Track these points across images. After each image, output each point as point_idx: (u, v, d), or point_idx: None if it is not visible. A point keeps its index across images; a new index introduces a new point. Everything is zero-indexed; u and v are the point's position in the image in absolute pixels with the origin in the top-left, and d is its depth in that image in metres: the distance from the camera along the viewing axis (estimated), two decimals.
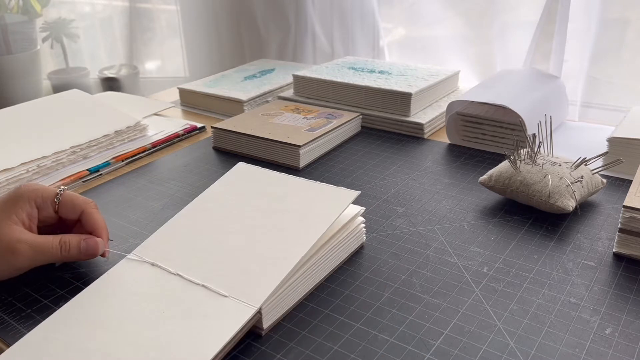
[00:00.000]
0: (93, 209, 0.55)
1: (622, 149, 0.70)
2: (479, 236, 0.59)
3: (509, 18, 1.05)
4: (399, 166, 0.76)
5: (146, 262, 0.51)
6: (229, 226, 0.54)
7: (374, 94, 0.90)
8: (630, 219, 0.53)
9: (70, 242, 0.52)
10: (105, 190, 0.73)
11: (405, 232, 0.60)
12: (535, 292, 0.50)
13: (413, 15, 1.18)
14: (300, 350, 0.44)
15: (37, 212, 0.53)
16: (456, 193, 0.68)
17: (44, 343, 0.44)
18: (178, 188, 0.72)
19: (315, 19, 1.29)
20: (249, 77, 1.09)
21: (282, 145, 0.77)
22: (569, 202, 0.60)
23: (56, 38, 2.03)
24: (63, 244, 0.52)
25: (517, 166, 0.63)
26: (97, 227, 0.54)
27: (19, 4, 1.95)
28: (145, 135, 0.86)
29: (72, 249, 0.52)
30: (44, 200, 0.53)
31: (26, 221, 0.52)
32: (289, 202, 0.56)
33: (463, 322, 0.47)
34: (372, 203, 0.67)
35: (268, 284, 0.46)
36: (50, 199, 0.54)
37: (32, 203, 0.53)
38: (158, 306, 0.46)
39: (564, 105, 0.90)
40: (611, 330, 0.45)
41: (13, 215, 0.51)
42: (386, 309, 0.49)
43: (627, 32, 0.94)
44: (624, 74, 0.96)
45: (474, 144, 0.82)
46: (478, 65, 1.11)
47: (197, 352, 0.41)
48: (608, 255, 0.55)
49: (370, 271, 0.54)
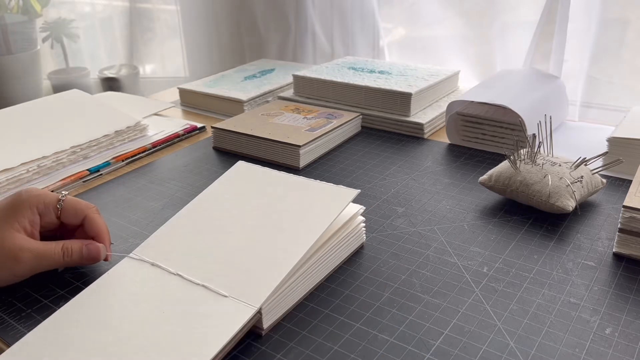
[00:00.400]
0: (95, 213, 0.55)
1: (622, 149, 0.70)
2: (479, 236, 0.59)
3: (509, 18, 1.05)
4: (399, 166, 0.76)
5: (146, 262, 0.51)
6: (229, 225, 0.54)
7: (374, 94, 0.90)
8: (630, 219, 0.53)
9: (73, 248, 0.52)
10: (105, 190, 0.73)
11: (405, 232, 0.60)
12: (535, 292, 0.50)
13: (413, 15, 1.18)
14: (300, 350, 0.44)
15: (40, 218, 0.52)
16: (456, 193, 0.68)
17: (44, 343, 0.44)
18: (178, 188, 0.72)
19: (315, 19, 1.29)
20: (249, 77, 1.09)
21: (282, 145, 0.77)
22: (569, 202, 0.60)
23: (56, 38, 2.03)
24: (65, 250, 0.52)
25: (517, 166, 0.63)
26: (100, 231, 0.54)
27: (19, 4, 1.96)
28: (146, 135, 0.86)
29: (74, 254, 0.52)
30: (46, 206, 0.53)
31: (28, 228, 0.51)
32: (289, 200, 0.56)
33: (463, 322, 0.47)
34: (372, 203, 0.67)
35: (268, 284, 0.46)
36: (53, 205, 0.53)
37: (34, 209, 0.52)
38: (158, 306, 0.46)
39: (564, 105, 0.90)
40: (611, 330, 0.45)
41: (15, 222, 0.50)
42: (386, 309, 0.49)
43: (627, 32, 0.94)
44: (624, 74, 0.96)
45: (474, 144, 0.82)
46: (478, 65, 1.11)
47: (197, 352, 0.41)
48: (608, 255, 0.55)
49: (370, 271, 0.54)
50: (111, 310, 0.46)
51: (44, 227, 0.53)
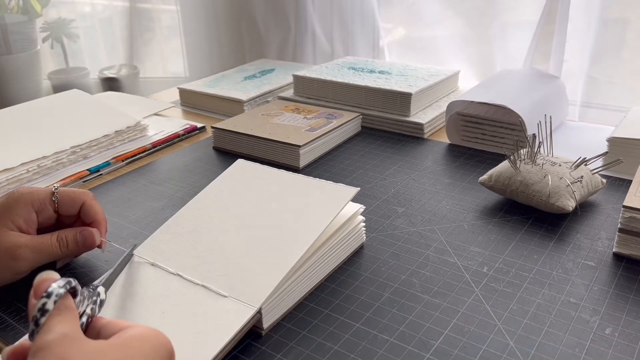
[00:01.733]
0: (92, 199, 0.55)
1: (622, 149, 0.70)
2: (479, 236, 0.59)
3: (509, 18, 1.05)
4: (399, 166, 0.76)
5: (146, 262, 0.51)
6: (229, 225, 0.54)
7: (374, 94, 0.90)
8: (630, 219, 0.53)
9: (67, 237, 0.52)
10: (105, 190, 0.73)
11: (405, 232, 0.60)
12: (535, 292, 0.50)
13: (413, 15, 1.18)
14: (300, 350, 0.44)
15: (36, 216, 0.52)
16: (456, 193, 0.68)
17: None
18: (178, 188, 0.72)
19: (315, 19, 1.29)
20: (249, 77, 1.09)
21: (282, 145, 0.77)
22: (569, 202, 0.60)
23: (56, 38, 2.03)
24: (60, 240, 0.52)
25: (517, 166, 0.63)
26: (97, 217, 0.54)
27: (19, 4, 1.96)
28: (146, 135, 0.86)
29: (69, 243, 0.52)
30: (41, 202, 0.53)
31: (23, 226, 0.51)
32: (289, 199, 0.56)
33: (463, 322, 0.47)
34: (372, 203, 0.67)
35: (268, 284, 0.46)
36: (48, 200, 0.53)
37: (29, 208, 0.52)
38: (158, 306, 0.46)
39: (564, 105, 0.90)
40: (611, 330, 0.45)
41: (8, 222, 0.50)
42: (386, 309, 0.49)
43: (627, 32, 0.94)
44: (624, 74, 0.96)
45: (474, 144, 0.82)
46: (478, 65, 1.11)
47: (197, 352, 0.41)
48: (608, 255, 0.55)
49: (370, 271, 0.54)
50: (111, 311, 0.46)
51: (42, 223, 0.53)
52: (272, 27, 1.37)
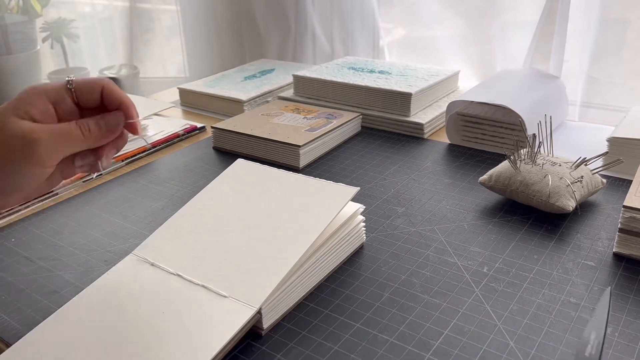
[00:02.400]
0: (112, 84, 0.48)
1: (622, 149, 0.70)
2: (479, 236, 0.59)
3: (509, 18, 1.05)
4: (399, 166, 0.76)
5: (146, 262, 0.51)
6: (229, 224, 0.54)
7: (374, 94, 0.90)
8: (630, 219, 0.53)
9: (89, 122, 0.46)
10: (105, 190, 0.73)
11: (405, 232, 0.60)
12: (535, 292, 0.50)
13: (413, 15, 1.18)
14: (300, 350, 0.44)
15: (53, 108, 0.45)
16: (456, 193, 0.68)
17: (44, 343, 0.44)
18: (178, 188, 0.72)
19: (315, 19, 1.29)
20: (249, 77, 1.09)
21: (282, 145, 0.77)
22: (569, 202, 0.60)
23: (56, 38, 2.03)
24: (81, 125, 0.45)
25: (517, 166, 0.63)
26: (123, 100, 0.47)
27: (19, 4, 1.96)
28: (146, 135, 0.86)
29: (92, 128, 0.46)
30: (57, 92, 0.46)
31: (38, 117, 0.44)
32: (288, 198, 0.56)
33: (463, 322, 0.47)
34: (372, 203, 0.67)
35: (268, 284, 0.46)
36: (64, 88, 0.46)
37: (43, 98, 0.45)
38: (158, 306, 0.46)
39: (564, 105, 0.90)
40: (611, 330, 0.45)
41: (21, 111, 0.43)
42: (386, 309, 0.49)
43: (627, 32, 0.94)
44: (624, 74, 0.96)
45: (474, 144, 0.82)
46: (478, 65, 1.11)
47: (197, 352, 0.41)
48: (608, 255, 0.55)
49: (370, 271, 0.54)
50: (111, 310, 0.46)
51: (61, 117, 0.46)
52: (272, 27, 1.37)
